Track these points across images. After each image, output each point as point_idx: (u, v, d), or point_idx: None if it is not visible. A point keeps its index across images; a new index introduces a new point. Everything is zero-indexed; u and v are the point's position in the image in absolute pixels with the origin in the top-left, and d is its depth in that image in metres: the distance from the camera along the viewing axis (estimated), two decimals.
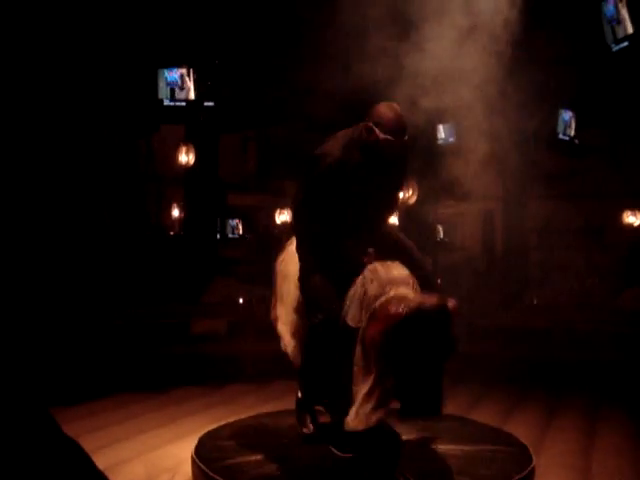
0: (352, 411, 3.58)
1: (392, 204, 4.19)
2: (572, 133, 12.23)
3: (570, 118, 12.18)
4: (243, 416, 5.31)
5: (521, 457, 4.14)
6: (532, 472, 3.98)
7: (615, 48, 7.00)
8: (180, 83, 11.20)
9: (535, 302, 10.77)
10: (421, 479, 3.75)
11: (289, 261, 4.24)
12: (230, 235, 16.87)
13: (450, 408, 5.98)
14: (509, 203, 12.78)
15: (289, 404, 4.57)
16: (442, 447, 4.27)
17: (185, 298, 9.78)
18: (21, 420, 1.79)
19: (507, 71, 10.31)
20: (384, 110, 3.78)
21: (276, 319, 4.32)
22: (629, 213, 13.52)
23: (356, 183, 3.77)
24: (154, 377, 7.18)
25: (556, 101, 11.82)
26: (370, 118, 3.79)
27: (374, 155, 3.77)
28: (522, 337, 8.42)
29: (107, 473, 2.56)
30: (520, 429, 5.24)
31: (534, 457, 4.15)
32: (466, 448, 4.28)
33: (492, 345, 8.22)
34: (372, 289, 3.67)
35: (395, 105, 3.84)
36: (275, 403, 5.81)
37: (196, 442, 4.37)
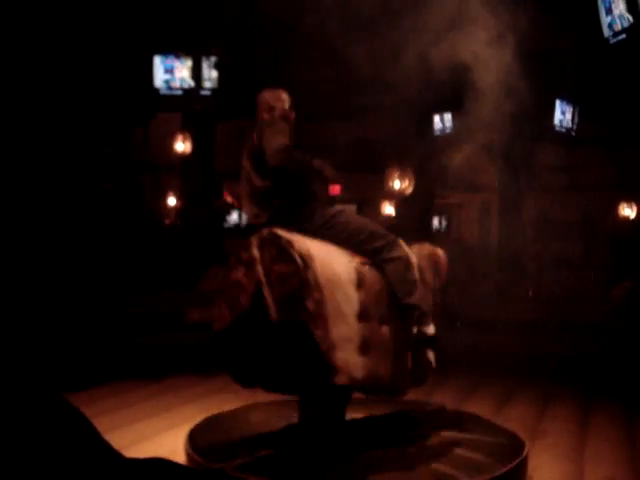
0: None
1: None
2: (569, 125, 12.23)
3: (567, 110, 12.18)
4: (237, 405, 5.33)
5: (514, 447, 4.15)
6: (524, 462, 4.00)
7: (613, 41, 6.99)
8: (176, 71, 11.17)
9: (530, 294, 10.78)
10: (414, 470, 3.76)
11: (330, 262, 3.72)
12: (226, 225, 16.90)
13: (444, 399, 6.03)
14: (506, 195, 12.78)
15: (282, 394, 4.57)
16: (435, 438, 4.28)
17: (181, 286, 9.77)
18: (30, 393, 1.81)
19: (505, 63, 10.32)
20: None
21: (332, 347, 3.53)
22: (625, 205, 13.53)
23: None
24: (149, 365, 7.18)
25: (554, 93, 11.81)
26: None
27: None
28: (517, 329, 8.43)
29: None
30: (514, 420, 5.26)
31: (527, 447, 4.17)
32: (459, 438, 4.29)
33: (486, 336, 8.22)
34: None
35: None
36: (269, 393, 5.82)
37: (190, 430, 4.38)
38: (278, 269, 3.53)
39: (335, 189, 16.80)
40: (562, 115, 12.11)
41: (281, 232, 3.68)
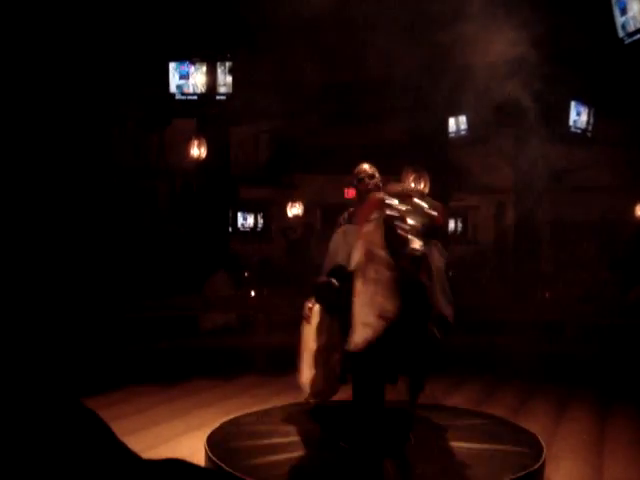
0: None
1: None
2: (585, 126, 12.17)
3: (583, 111, 12.13)
4: (255, 408, 5.35)
5: (533, 449, 4.15)
6: (543, 464, 4.00)
7: (628, 41, 6.96)
8: (191, 77, 11.22)
9: (547, 295, 10.72)
10: (434, 471, 3.77)
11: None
12: (242, 229, 16.95)
13: (462, 401, 6.03)
14: (522, 196, 12.73)
15: (300, 397, 4.59)
16: (455, 440, 4.29)
17: (195, 292, 9.80)
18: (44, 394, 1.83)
19: (519, 63, 10.30)
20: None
21: None
22: None
23: None
24: (166, 370, 7.22)
25: (569, 94, 11.76)
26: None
27: None
28: (534, 330, 8.40)
29: None
30: (532, 422, 5.25)
31: (545, 449, 4.16)
32: (478, 440, 4.29)
33: (504, 338, 8.20)
34: None
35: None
36: (286, 396, 5.83)
37: (208, 434, 4.40)
38: None
39: (351, 193, 16.81)
40: (577, 116, 12.05)
41: None
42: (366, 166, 4.90)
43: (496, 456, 4.02)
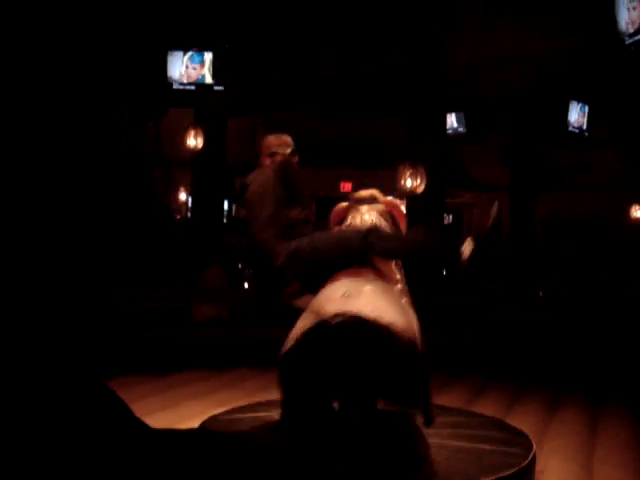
0: None
1: None
2: (583, 126, 12.17)
3: (581, 111, 12.13)
4: (246, 400, 5.34)
5: (522, 448, 4.14)
6: (533, 463, 3.99)
7: (628, 41, 6.94)
8: (189, 66, 11.17)
9: (541, 294, 10.74)
10: (421, 470, 3.77)
11: None
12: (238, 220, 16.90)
13: (452, 400, 6.02)
14: (517, 194, 12.75)
15: None
16: (444, 439, 4.28)
17: (189, 282, 9.79)
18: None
19: (518, 63, 10.29)
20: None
21: None
22: (637, 207, 13.49)
23: None
24: (158, 360, 7.20)
25: (567, 94, 11.76)
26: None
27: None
28: (526, 329, 8.40)
29: None
30: (522, 421, 5.24)
31: (535, 448, 4.16)
32: (467, 439, 4.29)
33: (496, 337, 8.21)
34: None
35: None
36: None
37: (199, 425, 4.38)
38: None
39: (347, 187, 16.77)
40: (575, 116, 12.05)
41: None
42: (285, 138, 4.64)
43: (484, 454, 4.02)
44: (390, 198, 4.57)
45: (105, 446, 1.72)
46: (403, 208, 4.61)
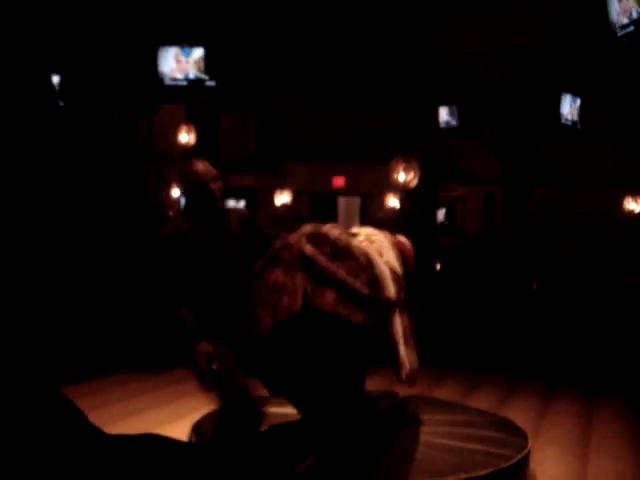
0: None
1: None
2: (575, 118, 12.17)
3: (573, 103, 12.12)
4: None
5: (517, 441, 4.14)
6: (527, 455, 3.99)
7: (620, 33, 6.93)
8: (181, 62, 11.12)
9: (535, 287, 10.75)
10: (416, 463, 3.76)
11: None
12: None
13: (446, 394, 6.02)
14: (510, 187, 12.75)
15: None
16: (439, 432, 4.27)
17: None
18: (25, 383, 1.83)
19: (509, 55, 10.28)
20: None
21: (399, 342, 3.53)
22: (630, 199, 13.49)
23: None
24: (152, 357, 7.17)
25: (559, 86, 11.75)
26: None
27: None
28: (520, 323, 8.41)
29: None
30: (517, 414, 5.24)
31: (530, 441, 4.15)
32: (462, 432, 4.28)
33: (489, 330, 8.21)
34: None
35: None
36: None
37: (194, 423, 4.37)
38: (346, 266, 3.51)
39: (339, 181, 16.74)
40: (568, 108, 12.04)
41: (330, 230, 3.69)
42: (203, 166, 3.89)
43: (479, 447, 4.01)
44: (401, 238, 4.20)
45: (54, 451, 1.70)
46: (411, 247, 4.25)
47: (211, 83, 11.20)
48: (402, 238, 4.19)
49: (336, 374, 3.68)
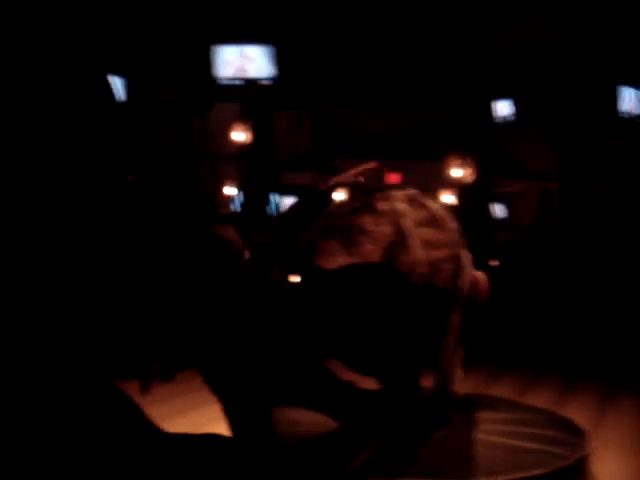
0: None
1: None
2: (634, 111, 11.92)
3: (632, 96, 11.87)
4: None
5: (576, 440, 4.07)
6: (587, 455, 3.92)
7: None
8: (236, 61, 11.21)
9: (594, 283, 10.56)
10: (470, 462, 3.73)
11: None
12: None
13: (503, 391, 5.96)
14: (568, 183, 12.56)
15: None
16: (495, 430, 4.23)
17: None
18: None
19: (566, 48, 10.11)
20: None
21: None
22: None
23: None
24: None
25: (618, 79, 11.53)
26: None
27: None
28: (578, 321, 8.28)
29: None
30: (575, 413, 5.16)
31: (589, 440, 4.08)
32: (519, 430, 4.23)
33: (546, 329, 8.10)
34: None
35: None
36: None
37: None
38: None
39: (394, 178, 16.74)
40: (627, 101, 11.80)
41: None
42: None
43: (536, 445, 3.95)
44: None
45: (114, 449, 1.72)
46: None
47: (265, 81, 11.28)
48: (477, 274, 4.00)
49: (400, 356, 3.61)
